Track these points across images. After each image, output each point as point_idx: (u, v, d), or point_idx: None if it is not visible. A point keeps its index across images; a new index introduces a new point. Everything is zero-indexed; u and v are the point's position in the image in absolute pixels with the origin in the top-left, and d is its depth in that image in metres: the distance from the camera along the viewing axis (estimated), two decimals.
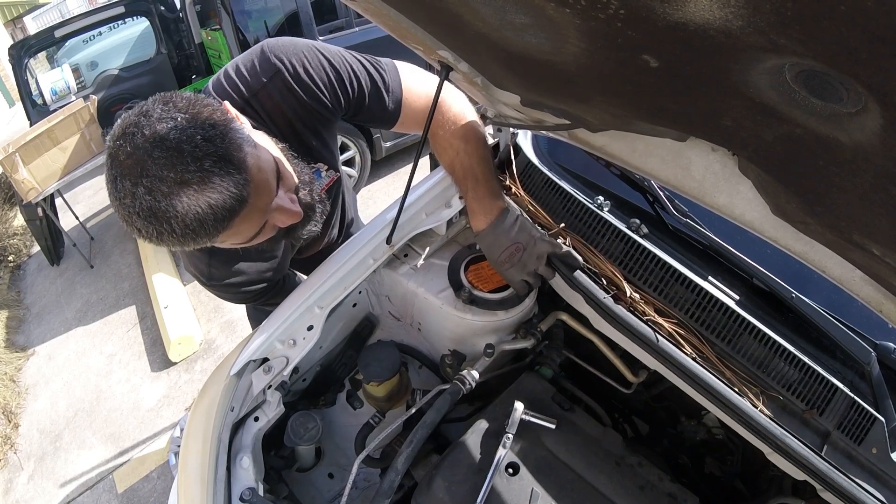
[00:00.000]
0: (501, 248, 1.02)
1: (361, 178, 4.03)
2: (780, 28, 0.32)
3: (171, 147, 0.66)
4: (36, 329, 3.70)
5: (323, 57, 0.96)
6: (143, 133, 0.67)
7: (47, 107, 4.21)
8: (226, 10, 3.49)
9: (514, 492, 0.90)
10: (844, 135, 0.40)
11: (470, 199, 1.06)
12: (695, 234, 1.12)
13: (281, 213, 0.83)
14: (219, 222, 0.70)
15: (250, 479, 0.95)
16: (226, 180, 0.69)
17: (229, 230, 0.74)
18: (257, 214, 0.78)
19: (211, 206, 0.68)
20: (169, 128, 0.67)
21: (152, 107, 0.70)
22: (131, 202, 0.68)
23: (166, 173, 0.66)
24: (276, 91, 0.93)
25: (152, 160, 0.66)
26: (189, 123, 0.68)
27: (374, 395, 1.16)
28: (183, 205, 0.67)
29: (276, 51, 0.93)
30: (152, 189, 0.66)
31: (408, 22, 0.75)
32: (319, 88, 0.96)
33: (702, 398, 0.91)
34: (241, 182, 0.70)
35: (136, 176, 0.66)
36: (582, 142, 0.89)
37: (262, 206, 0.77)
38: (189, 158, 0.66)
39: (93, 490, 2.52)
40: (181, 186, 0.66)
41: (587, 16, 0.42)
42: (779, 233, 0.69)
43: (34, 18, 7.69)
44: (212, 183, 0.68)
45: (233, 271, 1.08)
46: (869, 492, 0.84)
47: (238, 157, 0.71)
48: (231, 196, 0.69)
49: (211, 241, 0.73)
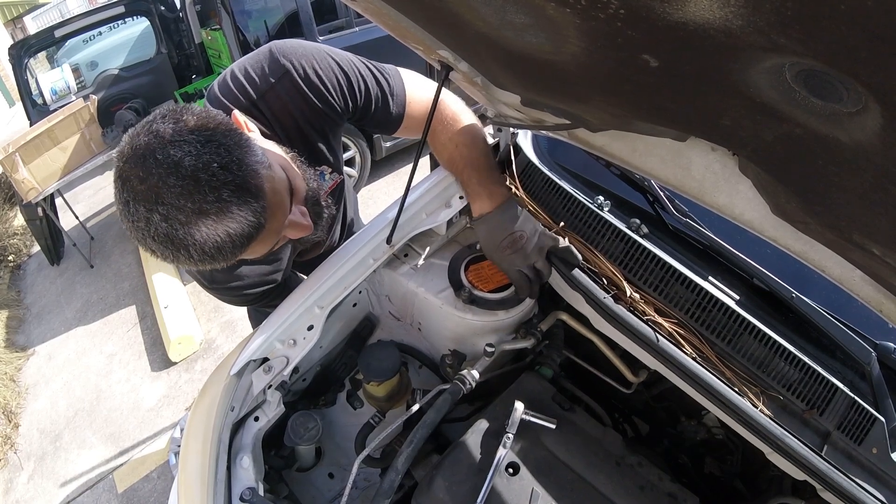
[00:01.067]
0: (505, 233, 1.01)
1: (361, 178, 4.04)
2: (780, 27, 0.32)
3: (186, 175, 0.64)
4: (36, 329, 3.70)
5: (332, 60, 0.96)
6: (157, 157, 0.64)
7: (47, 106, 4.21)
8: (226, 10, 3.49)
9: (515, 492, 0.90)
10: (844, 134, 0.40)
11: (474, 185, 1.05)
12: (695, 233, 1.12)
13: (293, 228, 0.83)
14: (237, 248, 0.70)
15: (250, 479, 0.95)
16: (244, 209, 0.68)
17: (245, 251, 0.74)
18: (273, 235, 0.78)
19: (230, 235, 0.68)
20: (183, 153, 0.65)
21: (162, 126, 0.67)
22: (146, 226, 0.66)
23: (183, 203, 0.64)
24: (284, 92, 0.93)
25: (168, 188, 0.64)
26: (204, 148, 0.66)
27: (374, 394, 1.16)
28: (202, 234, 0.66)
29: (285, 52, 0.93)
30: (168, 217, 0.65)
31: (408, 21, 0.75)
32: (329, 91, 0.95)
33: (702, 398, 0.91)
34: (258, 210, 0.70)
35: (152, 203, 0.64)
36: (582, 142, 0.89)
37: (277, 227, 0.77)
38: (206, 188, 0.65)
39: (93, 490, 2.52)
40: (199, 216, 0.65)
41: (587, 15, 0.42)
42: (779, 232, 0.69)
43: (34, 18, 7.69)
44: (230, 213, 0.67)
45: (235, 275, 1.08)
46: (869, 492, 0.84)
47: (255, 185, 0.69)
48: (249, 224, 0.69)
49: (227, 263, 0.73)
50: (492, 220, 1.03)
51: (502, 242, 1.01)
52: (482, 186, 1.05)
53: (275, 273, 1.15)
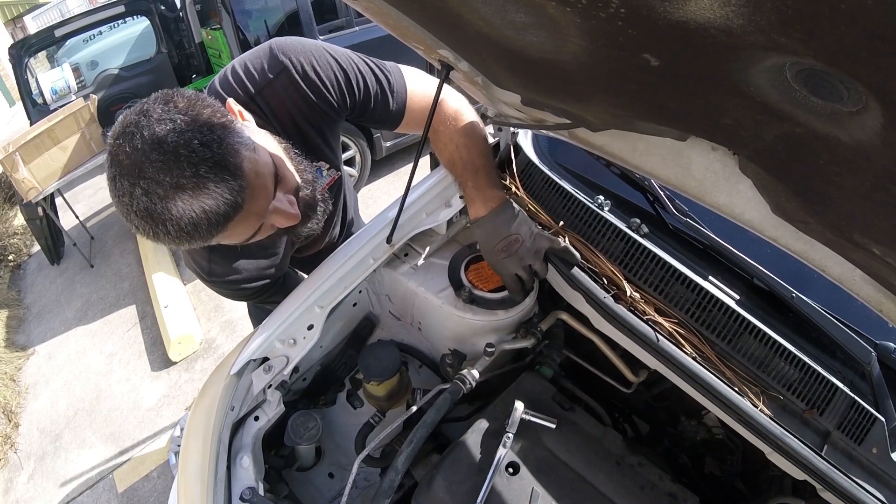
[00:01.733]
0: (500, 237, 1.01)
1: (361, 178, 4.04)
2: (781, 27, 0.32)
3: (168, 151, 0.67)
4: (36, 328, 3.70)
5: (331, 57, 0.97)
6: (143, 134, 0.67)
7: (47, 106, 4.21)
8: (226, 10, 3.49)
9: (515, 491, 0.90)
10: (845, 134, 0.40)
11: (470, 189, 1.06)
12: (695, 233, 1.12)
13: (279, 216, 0.83)
14: (213, 227, 0.71)
15: (250, 479, 0.95)
16: (220, 186, 0.69)
17: (224, 233, 0.75)
18: (253, 218, 0.78)
19: (205, 212, 0.69)
20: (167, 130, 0.67)
21: (153, 106, 0.70)
22: (129, 201, 0.69)
23: (162, 177, 0.67)
24: (281, 88, 0.94)
25: (150, 162, 0.67)
26: (188, 126, 0.69)
27: (374, 394, 1.16)
28: (178, 209, 0.68)
29: (284, 49, 0.94)
30: (149, 191, 0.67)
31: (408, 21, 0.75)
32: (327, 88, 0.96)
33: (702, 398, 0.91)
34: (235, 188, 0.71)
35: (134, 177, 0.67)
36: (582, 141, 0.89)
37: (258, 209, 0.78)
38: (185, 163, 0.67)
39: (93, 489, 2.52)
40: (176, 191, 0.67)
41: (588, 15, 0.42)
42: (779, 232, 0.69)
43: (34, 18, 7.69)
44: (206, 189, 0.68)
45: (233, 268, 1.08)
46: (869, 492, 0.84)
47: (234, 163, 0.71)
48: (225, 202, 0.70)
49: (205, 242, 0.74)
50: (487, 224, 1.03)
51: (497, 246, 1.02)
52: (478, 190, 1.05)
53: (271, 268, 1.15)
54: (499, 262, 1.03)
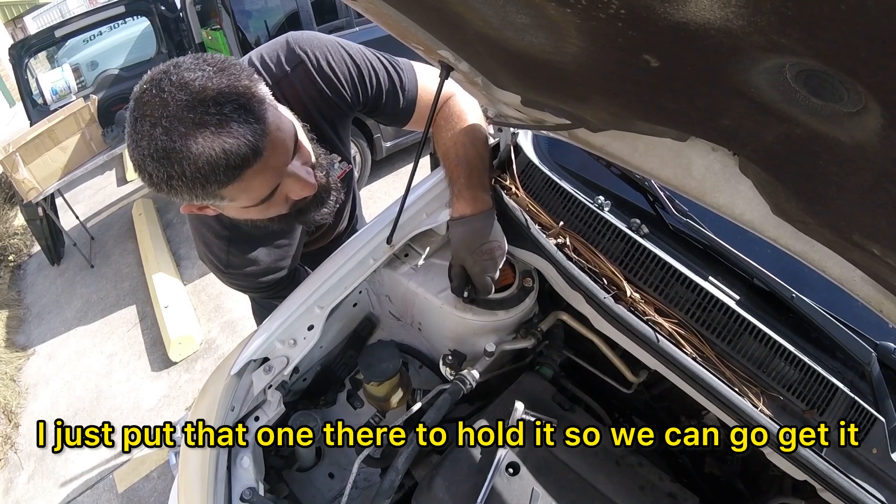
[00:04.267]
0: (483, 239, 1.00)
1: (361, 178, 4.04)
2: (781, 28, 0.32)
3: (194, 91, 0.67)
4: (36, 329, 3.70)
5: (345, 52, 0.99)
6: (171, 79, 0.68)
7: (47, 106, 4.21)
8: (226, 10, 3.49)
9: (515, 492, 0.90)
10: (845, 134, 0.40)
11: (461, 185, 1.05)
12: (695, 233, 1.12)
13: (295, 182, 0.82)
14: (230, 170, 0.70)
15: (250, 479, 0.95)
16: (243, 127, 0.69)
17: (240, 182, 0.73)
18: (271, 173, 0.77)
19: (225, 152, 0.68)
20: (196, 76, 0.68)
21: (184, 59, 0.71)
22: (147, 144, 0.68)
23: (186, 114, 0.67)
24: (298, 81, 0.96)
25: (175, 102, 0.67)
26: (216, 75, 0.69)
27: (374, 394, 1.16)
28: (198, 145, 0.67)
29: (300, 43, 0.96)
30: (170, 129, 0.67)
31: (408, 21, 0.75)
32: (340, 82, 0.98)
33: (702, 398, 0.91)
34: (258, 132, 0.70)
35: (157, 117, 0.67)
36: (582, 141, 0.89)
37: (277, 164, 0.77)
38: (210, 102, 0.67)
39: (93, 489, 2.52)
40: (198, 128, 0.67)
41: (588, 15, 0.42)
42: (779, 232, 0.69)
43: (34, 18, 7.69)
44: (229, 128, 0.68)
45: (250, 260, 1.08)
46: (869, 492, 0.84)
47: (259, 110, 0.71)
48: (246, 144, 0.69)
49: (220, 189, 0.73)
50: (474, 223, 1.01)
51: (482, 247, 1.00)
52: (469, 189, 1.04)
53: (286, 258, 1.16)
54: (476, 263, 1.01)
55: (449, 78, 0.89)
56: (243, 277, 1.12)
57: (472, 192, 1.04)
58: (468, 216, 1.03)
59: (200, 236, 1.08)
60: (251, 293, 1.29)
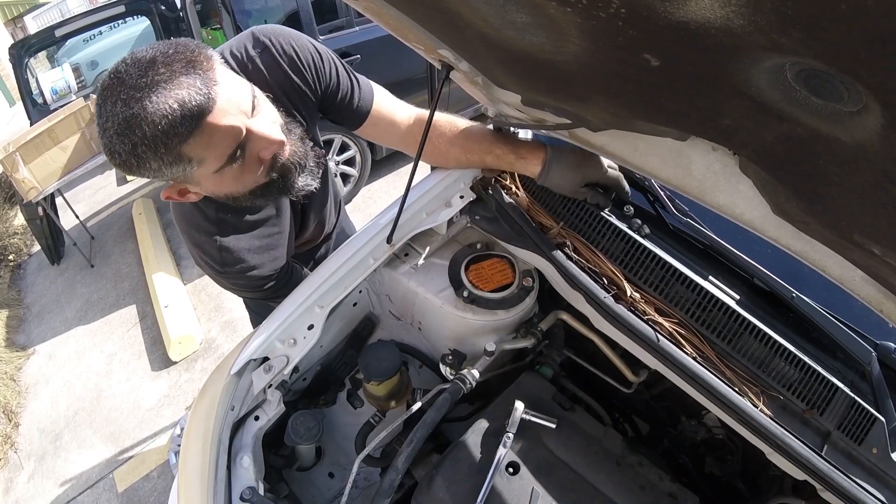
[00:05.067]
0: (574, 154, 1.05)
1: (361, 178, 4.03)
2: (781, 27, 0.32)
3: (145, 62, 0.72)
4: (36, 328, 3.70)
5: (308, 41, 1.04)
6: (125, 62, 0.74)
7: (47, 106, 4.20)
8: (226, 10, 3.49)
9: (515, 491, 0.90)
10: (845, 134, 0.40)
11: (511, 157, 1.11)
12: (695, 233, 1.12)
13: (261, 140, 0.84)
14: (187, 119, 0.73)
15: (250, 479, 0.95)
16: (192, 78, 0.73)
17: (200, 136, 0.76)
18: (230, 123, 0.79)
19: (178, 102, 0.71)
20: (147, 52, 0.74)
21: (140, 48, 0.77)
22: (111, 123, 0.72)
23: (139, 80, 0.71)
24: (264, 65, 0.99)
25: (129, 76, 0.72)
26: (166, 46, 0.75)
27: (374, 394, 1.16)
28: (152, 104, 0.70)
29: (265, 32, 1.01)
30: (127, 100, 0.71)
31: (409, 21, 0.75)
32: (304, 65, 1.02)
33: (702, 398, 0.91)
34: (208, 81, 0.74)
35: (116, 94, 0.72)
36: (582, 141, 0.89)
37: (235, 114, 0.79)
38: (160, 64, 0.72)
39: (93, 489, 2.52)
40: (151, 88, 0.71)
41: (588, 15, 0.42)
42: (779, 232, 0.69)
43: (34, 18, 7.68)
44: (178, 81, 0.72)
45: (243, 255, 1.07)
46: (869, 492, 0.84)
47: (206, 64, 0.75)
48: (198, 91, 0.73)
49: (182, 145, 0.75)
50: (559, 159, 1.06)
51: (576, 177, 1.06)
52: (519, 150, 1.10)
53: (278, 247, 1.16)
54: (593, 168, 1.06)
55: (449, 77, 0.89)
56: (239, 274, 1.11)
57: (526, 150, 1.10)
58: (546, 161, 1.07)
59: (191, 239, 1.07)
60: (249, 292, 1.28)
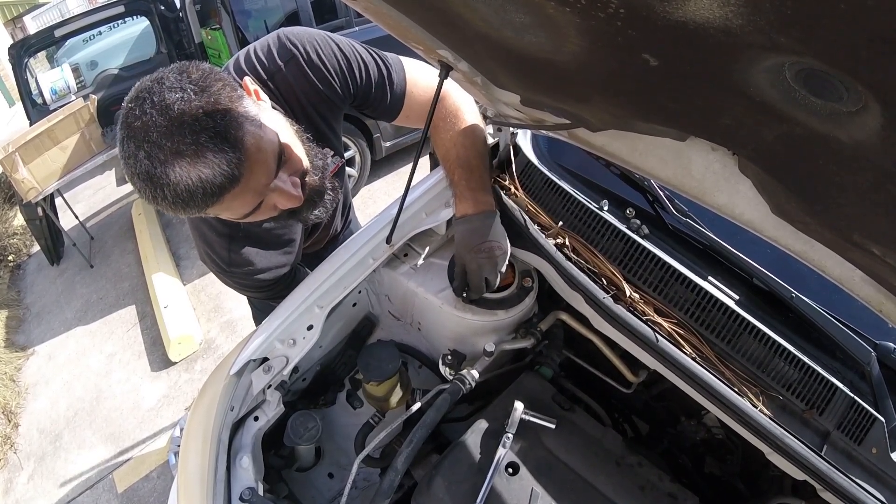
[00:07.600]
0: (482, 238, 1.02)
1: (361, 178, 4.03)
2: (781, 26, 0.32)
3: (173, 117, 0.69)
4: (36, 329, 3.70)
5: (334, 44, 1.01)
6: (153, 100, 0.70)
7: (47, 106, 4.20)
8: (226, 10, 3.49)
9: (514, 491, 0.90)
10: (844, 134, 0.40)
11: (462, 187, 1.06)
12: (695, 233, 1.12)
13: (281, 195, 0.84)
14: (208, 197, 0.72)
15: (250, 479, 0.95)
16: (219, 157, 0.71)
17: (219, 205, 0.76)
18: (251, 194, 0.79)
19: (202, 181, 0.70)
20: (176, 98, 0.70)
21: (167, 74, 0.73)
22: (133, 164, 0.71)
23: (164, 142, 0.69)
24: (291, 75, 0.97)
25: (155, 127, 0.69)
26: (196, 96, 0.71)
27: (373, 394, 1.15)
28: (176, 174, 0.69)
29: (291, 37, 0.98)
30: (151, 155, 0.69)
31: (408, 21, 0.75)
32: (331, 74, 0.99)
33: (702, 398, 0.91)
34: (234, 161, 0.72)
35: (140, 140, 0.69)
36: (582, 141, 0.89)
37: (257, 186, 0.78)
38: (187, 130, 0.69)
39: (93, 490, 2.52)
40: (176, 156, 0.69)
41: (587, 15, 0.42)
42: (779, 232, 0.69)
43: (34, 18, 7.68)
44: (205, 157, 0.70)
45: (253, 256, 1.08)
46: (869, 492, 0.84)
47: (235, 136, 0.72)
48: (223, 173, 0.71)
49: (200, 212, 0.76)
50: (475, 222, 1.03)
51: (481, 245, 1.01)
52: (470, 191, 1.05)
53: (290, 254, 1.16)
54: (473, 260, 1.02)
55: (448, 77, 0.89)
56: (245, 276, 1.12)
57: (472, 193, 1.05)
58: (469, 215, 1.04)
59: (201, 235, 1.08)
60: (252, 293, 1.29)
